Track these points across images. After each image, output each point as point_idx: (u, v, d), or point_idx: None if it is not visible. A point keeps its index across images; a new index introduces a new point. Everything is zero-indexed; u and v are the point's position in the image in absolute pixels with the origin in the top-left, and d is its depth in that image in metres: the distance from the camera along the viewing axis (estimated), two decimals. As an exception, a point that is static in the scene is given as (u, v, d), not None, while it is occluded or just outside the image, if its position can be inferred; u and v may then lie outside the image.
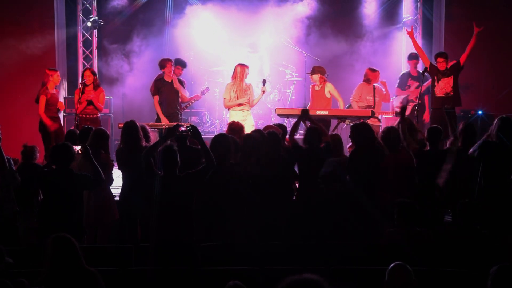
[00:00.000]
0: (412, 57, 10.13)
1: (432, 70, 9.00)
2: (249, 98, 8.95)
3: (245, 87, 8.98)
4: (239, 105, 8.90)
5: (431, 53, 10.55)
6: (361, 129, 6.35)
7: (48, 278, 4.18)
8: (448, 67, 8.92)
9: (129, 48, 11.13)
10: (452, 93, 8.89)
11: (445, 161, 6.42)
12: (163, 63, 9.29)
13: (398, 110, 8.12)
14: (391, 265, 3.91)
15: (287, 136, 6.99)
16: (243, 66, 9.00)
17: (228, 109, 9.16)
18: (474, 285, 4.65)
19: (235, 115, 8.77)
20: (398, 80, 10.31)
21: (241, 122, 8.37)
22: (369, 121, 8.43)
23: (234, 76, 8.99)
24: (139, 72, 11.18)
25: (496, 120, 6.46)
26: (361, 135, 6.29)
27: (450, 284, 4.77)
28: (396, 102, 9.83)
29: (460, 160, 6.55)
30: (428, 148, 6.58)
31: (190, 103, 9.90)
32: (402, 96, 9.85)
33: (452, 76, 8.90)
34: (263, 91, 9.05)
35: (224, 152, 5.87)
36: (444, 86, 8.92)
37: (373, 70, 9.53)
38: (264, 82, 9.13)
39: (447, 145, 6.78)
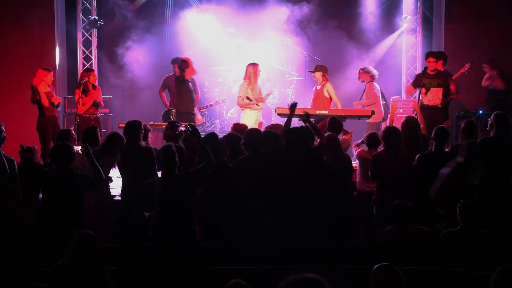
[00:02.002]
0: (429, 55, 9.52)
1: (417, 79, 8.88)
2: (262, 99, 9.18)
3: (258, 87, 9.16)
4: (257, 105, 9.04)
5: (431, 52, 10.55)
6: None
7: (61, 272, 4.20)
8: (440, 69, 8.79)
9: (129, 48, 11.12)
10: (440, 106, 8.72)
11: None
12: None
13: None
14: (376, 266, 3.61)
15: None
16: (254, 65, 9.09)
17: (240, 108, 9.27)
18: (474, 285, 4.65)
19: (251, 115, 8.93)
20: (413, 79, 10.14)
21: (255, 121, 8.54)
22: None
23: (247, 76, 9.08)
24: (139, 71, 11.18)
25: (492, 116, 6.47)
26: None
27: (450, 284, 4.77)
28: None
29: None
30: (433, 149, 6.37)
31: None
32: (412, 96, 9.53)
33: (442, 89, 8.72)
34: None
35: (217, 149, 5.88)
36: (432, 98, 8.75)
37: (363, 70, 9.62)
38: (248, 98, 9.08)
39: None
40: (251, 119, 8.80)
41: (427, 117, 8.43)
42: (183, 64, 9.34)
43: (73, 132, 7.49)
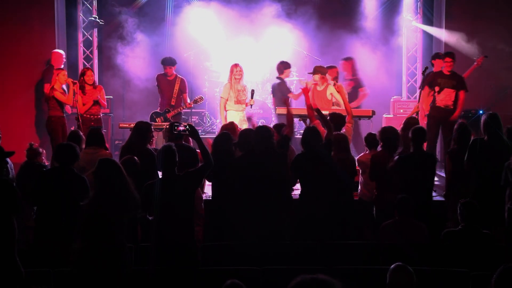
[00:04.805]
0: (437, 56, 9.43)
1: (434, 77, 8.74)
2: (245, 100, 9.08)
3: (241, 87, 9.06)
4: (238, 105, 8.94)
5: (431, 52, 10.54)
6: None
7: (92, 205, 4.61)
8: (452, 72, 8.73)
9: (129, 48, 11.11)
10: (452, 107, 8.63)
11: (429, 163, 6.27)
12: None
13: None
14: (392, 266, 3.86)
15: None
16: (236, 65, 9.05)
17: (225, 110, 9.18)
18: (474, 285, 4.65)
19: (235, 116, 8.82)
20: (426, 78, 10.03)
21: (240, 122, 8.45)
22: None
23: (229, 76, 9.09)
24: (139, 72, 11.17)
25: (483, 116, 6.47)
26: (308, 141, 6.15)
27: (450, 284, 4.77)
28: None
29: (455, 161, 6.55)
30: (412, 150, 6.28)
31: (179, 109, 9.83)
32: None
33: (455, 90, 8.63)
34: (251, 104, 9.05)
35: (229, 149, 5.92)
36: (444, 98, 8.64)
37: (329, 68, 9.41)
38: (252, 93, 9.05)
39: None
40: (234, 121, 8.56)
41: (440, 117, 8.42)
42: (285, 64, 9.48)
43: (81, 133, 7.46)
